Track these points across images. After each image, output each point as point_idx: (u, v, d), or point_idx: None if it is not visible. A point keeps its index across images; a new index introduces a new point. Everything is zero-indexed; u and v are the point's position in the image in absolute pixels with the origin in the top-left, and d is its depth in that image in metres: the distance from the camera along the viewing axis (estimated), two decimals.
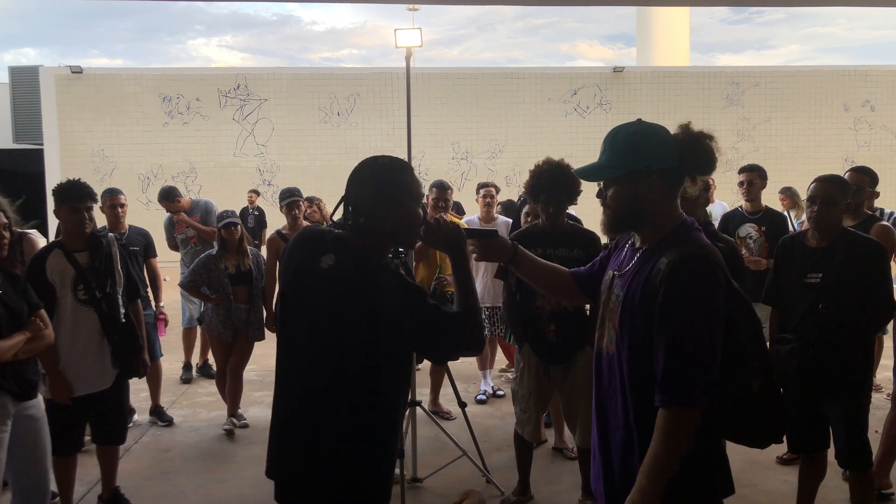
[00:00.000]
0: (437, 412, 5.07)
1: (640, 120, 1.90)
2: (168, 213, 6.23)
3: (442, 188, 4.89)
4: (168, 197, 6.14)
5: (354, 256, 1.90)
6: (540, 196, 3.57)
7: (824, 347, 3.00)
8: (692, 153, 1.83)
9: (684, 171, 1.85)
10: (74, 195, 3.45)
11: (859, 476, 3.13)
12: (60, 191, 3.49)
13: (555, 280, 2.24)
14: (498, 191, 5.88)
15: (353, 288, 1.87)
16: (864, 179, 4.04)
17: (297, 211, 5.22)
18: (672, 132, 1.86)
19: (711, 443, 1.85)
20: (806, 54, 69.63)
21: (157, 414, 5.13)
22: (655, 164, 1.81)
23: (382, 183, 1.91)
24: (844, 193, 3.13)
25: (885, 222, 4.12)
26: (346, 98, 15.11)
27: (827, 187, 3.09)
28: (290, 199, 5.21)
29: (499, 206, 6.16)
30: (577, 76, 15.60)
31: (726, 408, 1.79)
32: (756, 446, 1.93)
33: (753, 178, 4.90)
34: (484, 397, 5.58)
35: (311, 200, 6.52)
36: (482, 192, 5.77)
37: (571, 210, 4.07)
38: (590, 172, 1.89)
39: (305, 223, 5.21)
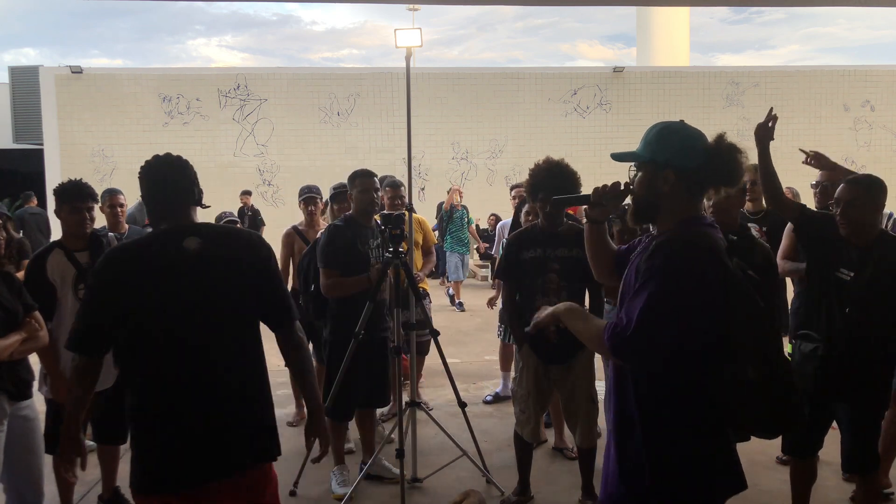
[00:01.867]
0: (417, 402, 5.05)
1: (682, 121, 1.97)
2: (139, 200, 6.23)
3: (394, 186, 4.81)
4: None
5: (216, 227, 2.32)
6: (538, 195, 3.57)
7: (848, 352, 2.96)
8: (716, 161, 1.89)
9: (706, 177, 1.90)
10: (76, 195, 3.45)
11: (865, 479, 3.11)
12: (62, 191, 3.48)
13: (606, 254, 2.31)
14: None
15: (232, 246, 2.22)
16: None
17: (313, 207, 5.22)
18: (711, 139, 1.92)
19: (713, 435, 1.86)
20: (806, 54, 69.63)
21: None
22: (674, 159, 1.89)
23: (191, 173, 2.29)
24: (872, 193, 3.00)
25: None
26: (346, 98, 15.09)
27: (850, 189, 3.00)
28: (307, 195, 5.21)
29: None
30: (577, 76, 15.59)
31: (724, 395, 1.81)
32: (761, 436, 1.95)
33: (757, 178, 4.87)
34: (490, 398, 5.58)
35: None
36: (514, 192, 5.81)
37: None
38: (621, 154, 2.01)
39: (323, 220, 5.20)
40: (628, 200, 2.09)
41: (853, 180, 3.08)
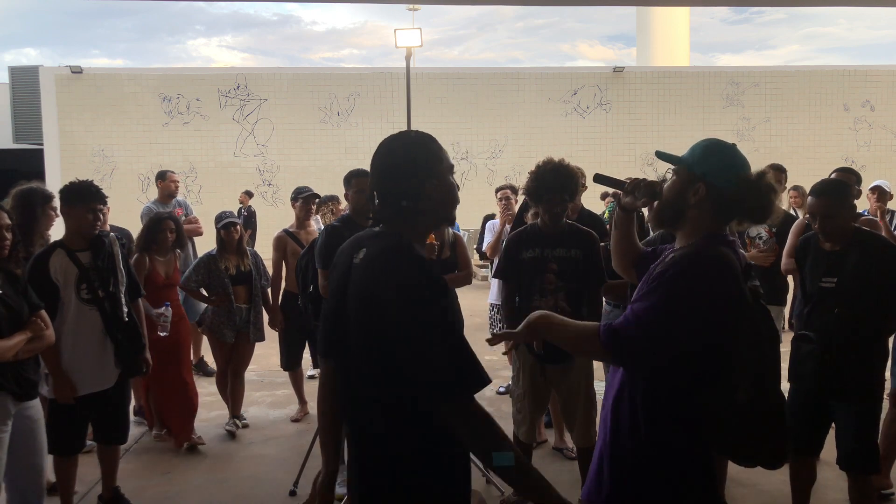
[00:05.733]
0: None
1: (734, 145, 1.97)
2: (152, 202, 6.27)
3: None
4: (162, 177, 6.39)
5: (384, 242, 1.75)
6: (544, 196, 3.55)
7: (841, 351, 2.97)
8: (751, 195, 1.88)
9: (735, 205, 1.90)
10: (94, 195, 3.46)
11: (859, 478, 3.12)
12: (76, 190, 3.47)
13: (631, 247, 2.34)
14: (515, 191, 5.89)
15: (376, 272, 1.69)
16: (851, 178, 4.05)
17: (312, 206, 5.33)
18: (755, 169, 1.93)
19: (693, 448, 1.87)
20: (806, 54, 69.70)
21: (142, 414, 5.10)
22: (710, 176, 1.89)
23: (419, 159, 1.77)
24: (843, 198, 3.04)
25: (871, 216, 4.14)
26: (347, 98, 15.11)
27: (823, 202, 3.01)
28: (306, 194, 5.30)
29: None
30: (577, 76, 15.59)
31: (712, 413, 1.82)
32: (740, 463, 1.94)
33: (780, 178, 4.80)
34: (503, 389, 5.68)
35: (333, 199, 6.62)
36: (499, 194, 5.86)
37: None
38: (665, 155, 2.01)
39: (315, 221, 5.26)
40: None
41: (823, 190, 3.06)
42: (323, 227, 4.45)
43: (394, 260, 1.68)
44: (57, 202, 3.68)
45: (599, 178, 2.38)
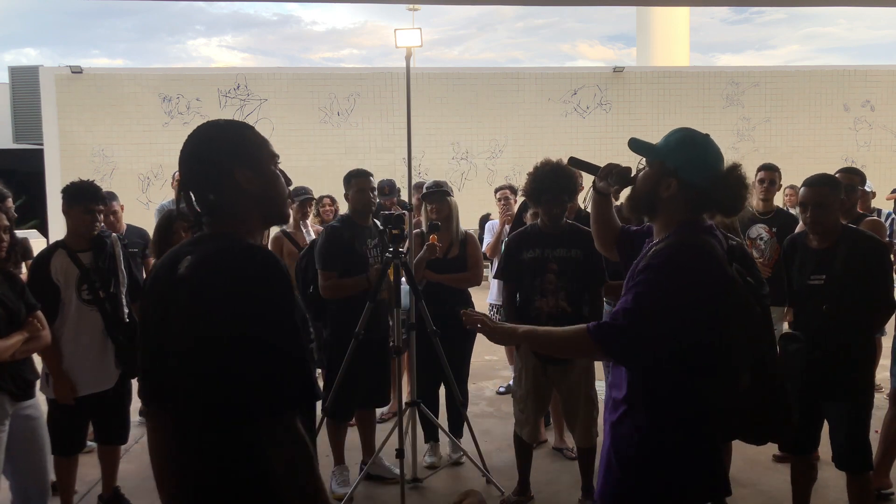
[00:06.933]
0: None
1: (707, 135, 1.97)
2: (168, 201, 6.26)
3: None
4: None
5: (210, 245, 1.48)
6: (542, 198, 3.56)
7: (828, 348, 2.98)
8: (721, 189, 1.90)
9: (706, 198, 1.91)
10: (92, 196, 3.47)
11: (857, 477, 3.12)
12: (75, 190, 3.47)
13: (609, 227, 2.37)
14: (514, 192, 5.90)
15: (203, 281, 1.42)
16: (855, 179, 4.04)
17: (308, 208, 5.38)
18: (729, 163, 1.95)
19: (699, 438, 1.88)
20: (806, 54, 69.57)
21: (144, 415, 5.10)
22: (683, 170, 1.89)
23: (224, 143, 1.54)
24: (835, 192, 3.07)
25: (875, 217, 4.15)
26: (347, 98, 15.09)
27: (816, 191, 3.04)
28: (303, 196, 5.33)
29: None
30: (577, 76, 15.58)
31: (716, 401, 1.83)
32: (750, 442, 1.97)
33: (774, 177, 4.79)
34: (503, 389, 5.68)
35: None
36: (498, 194, 5.89)
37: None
38: (639, 145, 2.01)
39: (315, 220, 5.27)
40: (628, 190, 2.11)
41: (815, 181, 3.10)
42: (323, 228, 4.45)
43: (221, 263, 1.43)
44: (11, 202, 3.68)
45: (574, 162, 2.40)
